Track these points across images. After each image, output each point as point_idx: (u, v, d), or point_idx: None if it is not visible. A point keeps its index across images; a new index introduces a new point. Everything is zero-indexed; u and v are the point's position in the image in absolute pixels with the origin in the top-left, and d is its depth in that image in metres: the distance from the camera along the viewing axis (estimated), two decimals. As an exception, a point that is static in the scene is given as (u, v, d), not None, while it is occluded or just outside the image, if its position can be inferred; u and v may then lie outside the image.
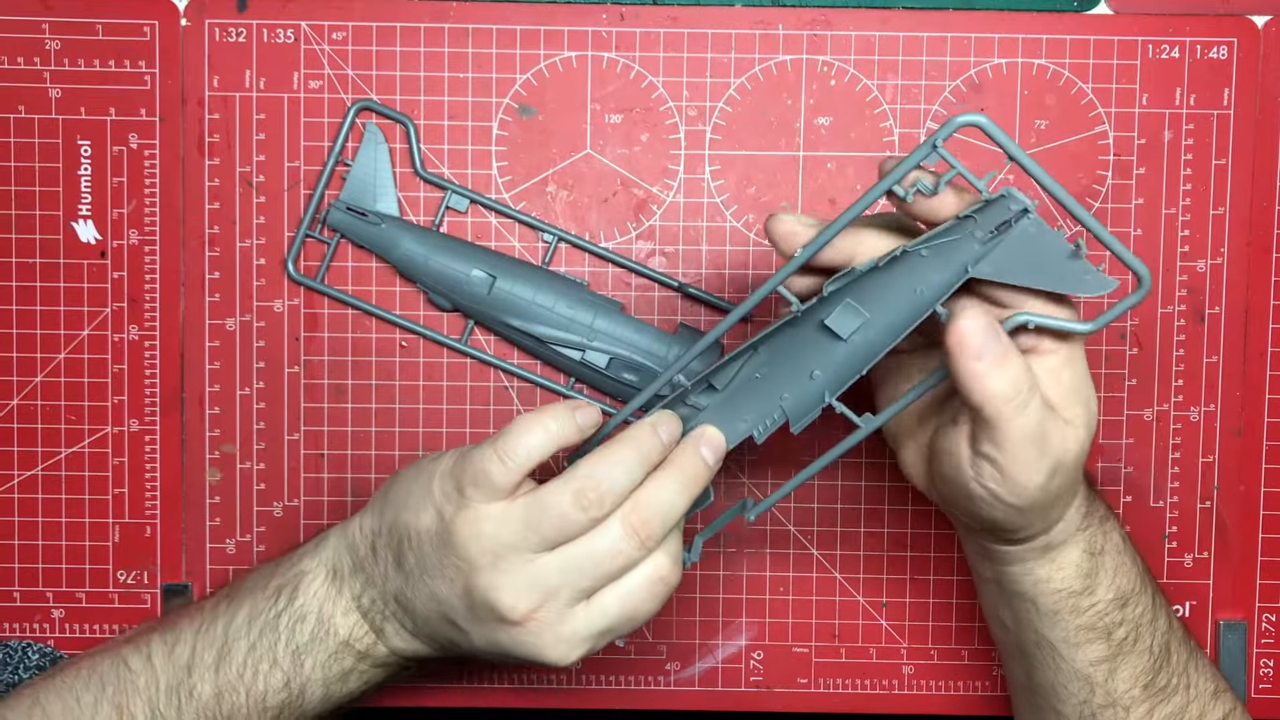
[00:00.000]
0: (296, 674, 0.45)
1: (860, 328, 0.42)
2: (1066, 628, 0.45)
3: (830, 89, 0.54)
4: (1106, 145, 0.54)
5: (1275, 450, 0.55)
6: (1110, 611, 0.45)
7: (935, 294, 0.41)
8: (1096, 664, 0.45)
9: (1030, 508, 0.41)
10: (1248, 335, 0.55)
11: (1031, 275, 0.40)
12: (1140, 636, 0.45)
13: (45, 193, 0.54)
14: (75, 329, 0.55)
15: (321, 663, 0.45)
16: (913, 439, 0.46)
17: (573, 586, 0.42)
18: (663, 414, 0.45)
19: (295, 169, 0.54)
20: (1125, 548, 0.46)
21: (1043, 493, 0.41)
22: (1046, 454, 0.40)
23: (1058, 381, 0.41)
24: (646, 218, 0.55)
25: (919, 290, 0.41)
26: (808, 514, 0.56)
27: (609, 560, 0.42)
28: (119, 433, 0.55)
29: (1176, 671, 0.46)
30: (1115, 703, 0.45)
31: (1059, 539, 0.44)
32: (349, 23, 0.54)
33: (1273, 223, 0.55)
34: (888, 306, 0.42)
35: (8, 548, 0.55)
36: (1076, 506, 0.44)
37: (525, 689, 0.56)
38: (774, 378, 0.44)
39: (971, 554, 0.48)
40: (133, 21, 0.54)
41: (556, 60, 0.54)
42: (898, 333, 0.41)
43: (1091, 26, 0.54)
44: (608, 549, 0.42)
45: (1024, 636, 0.46)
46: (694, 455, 0.44)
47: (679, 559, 0.44)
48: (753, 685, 0.56)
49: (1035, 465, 0.40)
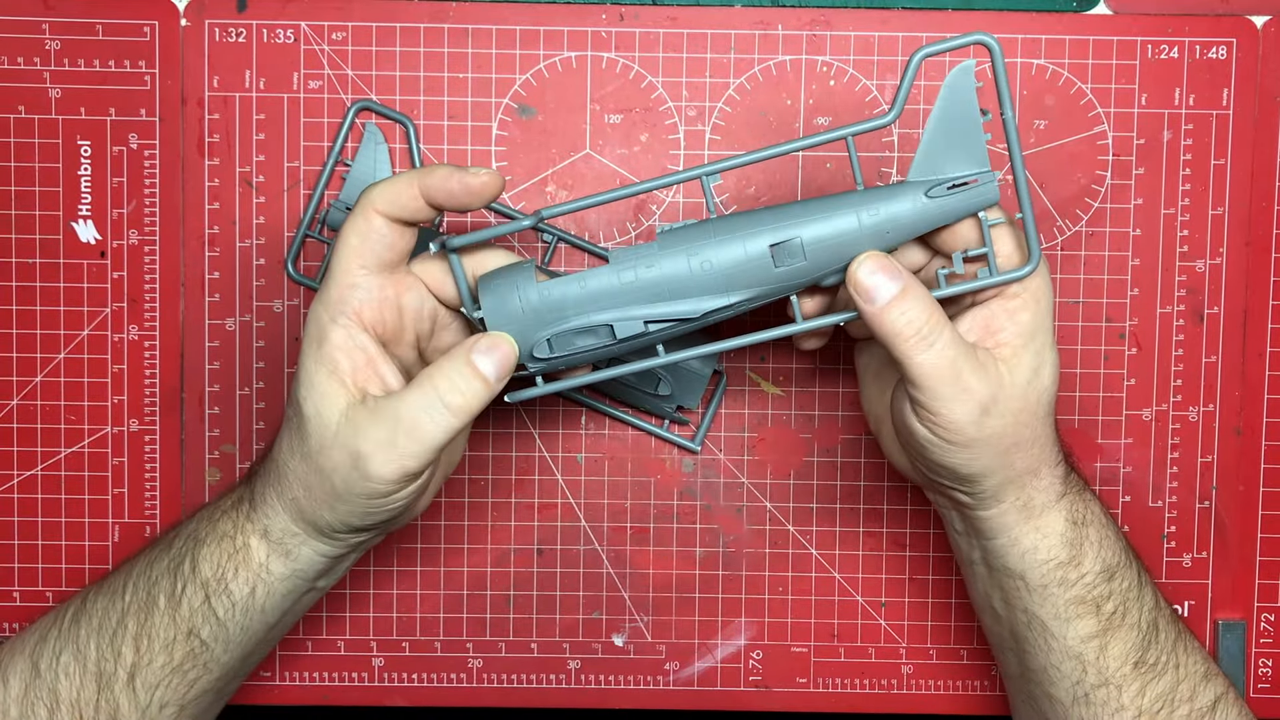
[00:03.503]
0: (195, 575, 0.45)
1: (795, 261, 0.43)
2: (1056, 602, 0.45)
3: (830, 89, 0.54)
4: (1105, 145, 0.54)
5: (1274, 450, 0.55)
6: (1098, 584, 0.45)
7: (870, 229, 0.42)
8: (1087, 640, 0.45)
9: (972, 445, 0.42)
10: (1246, 335, 0.55)
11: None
12: (1128, 610, 0.46)
13: (45, 193, 0.54)
14: (75, 329, 0.55)
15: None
16: (886, 414, 0.48)
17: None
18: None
19: (295, 169, 0.54)
20: (1108, 521, 0.47)
21: (979, 429, 0.42)
22: (969, 390, 0.41)
23: (1014, 321, 0.43)
24: (646, 218, 0.55)
25: (861, 220, 0.42)
26: (807, 514, 0.56)
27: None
28: (119, 433, 0.55)
29: (1165, 649, 0.46)
30: (1107, 681, 0.45)
31: (1038, 501, 0.45)
32: (349, 23, 0.54)
33: (1271, 223, 0.55)
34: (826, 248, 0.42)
35: (7, 548, 0.55)
36: (1052, 468, 0.45)
37: (525, 689, 0.56)
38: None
39: (957, 536, 0.48)
40: (132, 22, 0.54)
41: (556, 60, 0.54)
42: (825, 262, 0.43)
43: (1091, 26, 0.54)
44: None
45: (1015, 620, 0.47)
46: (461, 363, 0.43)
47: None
48: (752, 685, 0.56)
49: (957, 401, 0.42)
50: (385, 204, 0.42)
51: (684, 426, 0.56)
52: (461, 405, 0.41)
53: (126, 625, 0.45)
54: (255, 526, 0.45)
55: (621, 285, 0.43)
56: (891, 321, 0.41)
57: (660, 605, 0.56)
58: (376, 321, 0.43)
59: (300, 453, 0.43)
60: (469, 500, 0.55)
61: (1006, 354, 0.43)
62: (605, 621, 0.56)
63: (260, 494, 0.45)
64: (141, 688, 0.45)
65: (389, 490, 0.42)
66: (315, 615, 0.56)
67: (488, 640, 0.56)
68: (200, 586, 0.45)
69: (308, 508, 0.43)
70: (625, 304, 0.43)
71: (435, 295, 0.45)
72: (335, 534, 0.44)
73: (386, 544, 0.55)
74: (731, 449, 0.56)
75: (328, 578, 0.47)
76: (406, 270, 0.44)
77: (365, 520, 0.43)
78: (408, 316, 0.44)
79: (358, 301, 0.42)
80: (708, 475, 0.56)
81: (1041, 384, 0.43)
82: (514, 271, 0.43)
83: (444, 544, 0.56)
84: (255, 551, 0.45)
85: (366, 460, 0.41)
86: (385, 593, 0.56)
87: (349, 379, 0.42)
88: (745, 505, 0.56)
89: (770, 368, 0.55)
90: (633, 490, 0.56)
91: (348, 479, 0.42)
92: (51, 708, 0.45)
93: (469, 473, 0.55)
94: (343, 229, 0.43)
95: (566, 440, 0.55)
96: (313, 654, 0.56)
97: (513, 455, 0.55)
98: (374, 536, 0.46)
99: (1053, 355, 0.44)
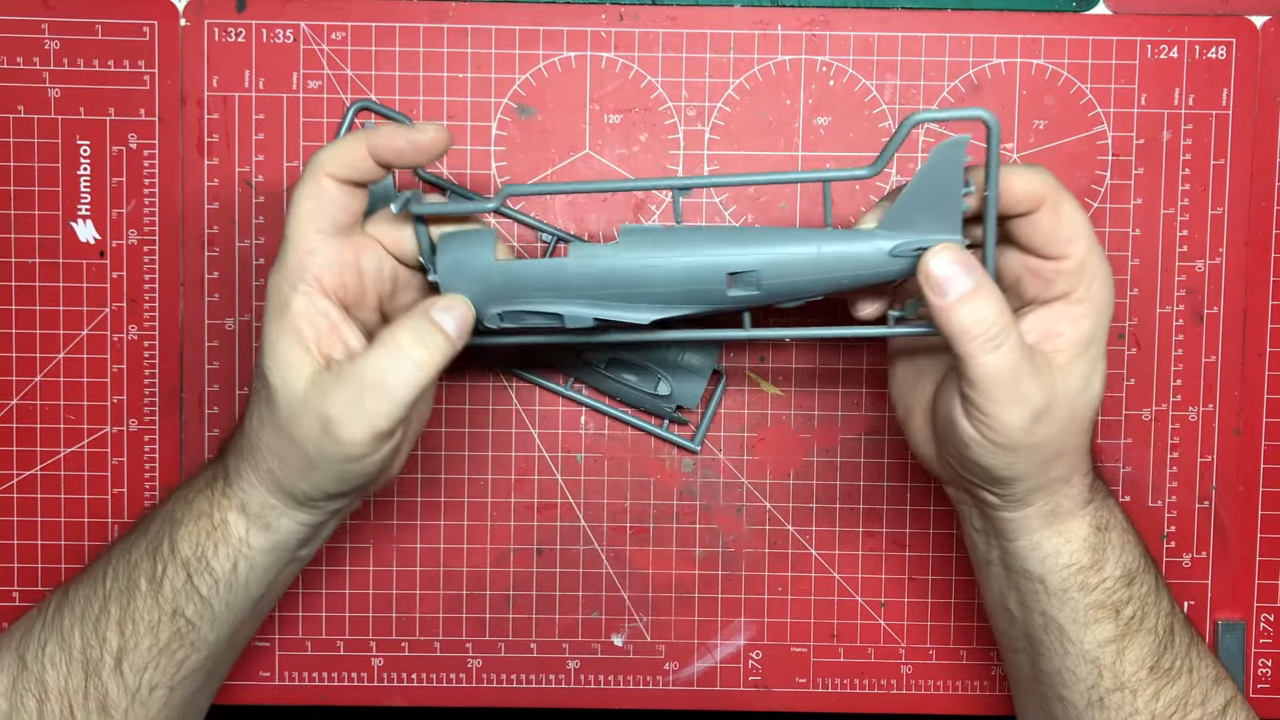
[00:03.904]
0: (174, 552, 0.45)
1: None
2: (1075, 606, 0.45)
3: (829, 89, 0.54)
4: (1105, 145, 0.54)
5: (1274, 450, 0.55)
6: (1118, 589, 0.45)
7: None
8: (1105, 644, 0.45)
9: (1017, 449, 0.42)
10: (1246, 335, 0.55)
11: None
12: (1146, 615, 0.45)
13: (44, 192, 0.54)
14: (75, 329, 0.55)
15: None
16: (918, 403, 0.47)
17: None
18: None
19: (295, 169, 0.54)
20: (1129, 525, 0.46)
21: (1028, 435, 0.41)
22: (1025, 396, 0.41)
23: (1075, 328, 0.42)
24: (645, 218, 0.55)
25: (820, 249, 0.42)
26: (806, 514, 0.56)
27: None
28: (118, 433, 0.55)
29: (1180, 654, 0.46)
30: (1123, 685, 0.45)
31: (1064, 508, 0.44)
32: (348, 23, 0.54)
33: (1271, 223, 0.55)
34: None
35: (7, 547, 0.55)
36: (1083, 475, 0.44)
37: (525, 689, 0.56)
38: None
39: (975, 534, 0.48)
40: (132, 21, 0.54)
41: (555, 60, 0.54)
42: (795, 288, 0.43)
43: (1090, 26, 0.54)
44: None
45: (1030, 622, 0.46)
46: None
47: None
48: (751, 685, 0.56)
49: (1013, 406, 0.41)
50: (335, 166, 0.42)
51: (684, 426, 0.56)
52: (426, 359, 0.42)
53: (109, 611, 0.45)
54: (232, 502, 0.45)
55: (577, 279, 0.43)
56: (961, 318, 0.40)
57: (660, 605, 0.56)
58: (337, 286, 0.43)
59: (271, 424, 0.43)
60: (469, 500, 0.55)
61: (1062, 360, 0.42)
62: (605, 621, 0.56)
63: (235, 469, 0.45)
64: (129, 671, 0.45)
65: (362, 452, 0.42)
66: (315, 615, 0.56)
67: (487, 640, 0.56)
68: (181, 566, 0.45)
69: (284, 479, 0.43)
70: (579, 297, 0.43)
71: (392, 254, 0.45)
72: (313, 502, 0.44)
73: (386, 544, 0.55)
74: (731, 449, 0.56)
75: (309, 547, 0.47)
76: (362, 232, 0.44)
77: (342, 486, 0.43)
78: (368, 279, 0.44)
79: (317, 267, 0.42)
80: (707, 475, 0.56)
81: (1091, 394, 0.43)
82: (474, 240, 0.44)
83: (444, 544, 0.56)
84: (234, 527, 0.45)
85: (336, 424, 0.41)
86: (385, 593, 0.56)
87: (313, 346, 0.42)
88: (745, 505, 0.56)
89: (770, 368, 0.55)
90: (632, 490, 0.56)
91: (320, 445, 0.42)
92: (40, 698, 0.45)
93: (469, 472, 0.55)
94: (294, 195, 0.43)
95: (566, 440, 0.55)
96: (312, 654, 0.56)
97: (512, 455, 0.55)
98: (352, 501, 0.46)
99: (1103, 367, 0.43)
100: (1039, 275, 0.43)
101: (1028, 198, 0.42)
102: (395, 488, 0.55)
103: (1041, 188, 0.42)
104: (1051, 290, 0.43)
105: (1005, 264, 0.44)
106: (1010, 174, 0.42)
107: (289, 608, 0.56)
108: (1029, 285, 0.44)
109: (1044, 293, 0.43)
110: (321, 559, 0.55)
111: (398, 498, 0.55)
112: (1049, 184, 0.42)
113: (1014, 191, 0.42)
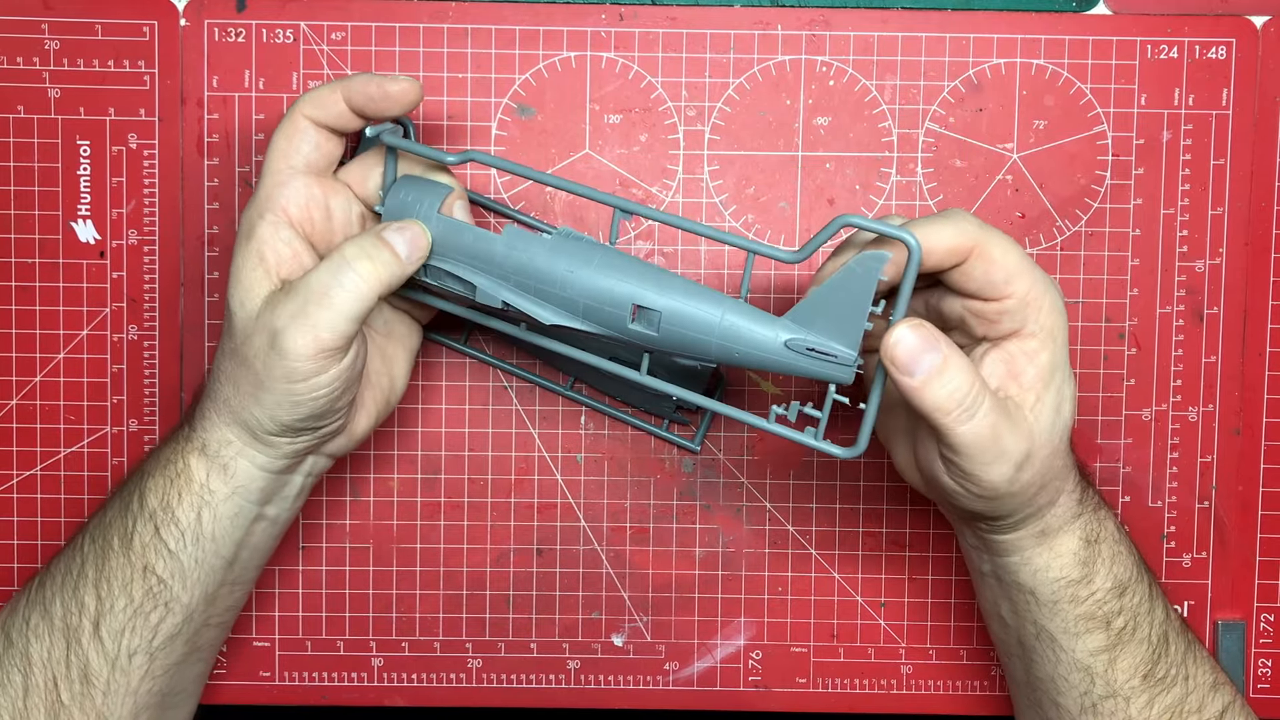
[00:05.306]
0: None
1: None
2: (1066, 618, 0.45)
3: (829, 89, 0.54)
4: (1105, 145, 0.54)
5: (1274, 450, 0.55)
6: (1109, 600, 0.45)
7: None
8: (1096, 654, 0.45)
9: (1004, 498, 0.42)
10: (1246, 335, 0.55)
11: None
12: (1139, 626, 0.45)
13: (44, 192, 0.54)
14: (75, 329, 0.55)
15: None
16: (902, 439, 0.47)
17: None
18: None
19: (294, 169, 0.54)
20: (1121, 536, 0.46)
21: (1012, 484, 0.42)
22: (1005, 452, 0.41)
23: (1034, 364, 0.42)
24: (634, 225, 0.55)
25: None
26: (806, 514, 0.56)
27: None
28: (118, 433, 0.55)
29: (1175, 662, 0.46)
30: (1115, 693, 0.45)
31: (1054, 525, 0.44)
32: (348, 23, 0.54)
33: (1271, 223, 0.55)
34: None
35: (7, 547, 0.55)
36: (1069, 492, 0.45)
37: (525, 689, 0.56)
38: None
39: (969, 548, 0.48)
40: (132, 22, 0.54)
41: (555, 60, 0.54)
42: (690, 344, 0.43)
43: (1090, 27, 0.54)
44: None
45: (1023, 630, 0.46)
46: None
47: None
48: (751, 685, 0.56)
49: (995, 464, 0.41)
50: (311, 108, 0.45)
51: (684, 426, 0.56)
52: (370, 271, 0.42)
53: (86, 573, 0.46)
54: (193, 445, 0.45)
55: (501, 258, 0.45)
56: (934, 395, 0.40)
57: (660, 605, 0.56)
58: (304, 219, 0.45)
59: (228, 350, 0.44)
60: (469, 500, 0.55)
61: (1030, 399, 0.42)
62: (605, 621, 0.56)
63: (198, 412, 0.46)
64: (108, 635, 0.45)
65: (307, 369, 0.42)
66: (315, 615, 0.56)
67: (487, 640, 0.56)
68: (149, 519, 0.45)
69: (236, 405, 0.44)
70: (500, 276, 0.45)
71: (359, 197, 0.47)
72: (267, 435, 0.44)
73: (386, 544, 0.55)
74: (731, 449, 0.56)
75: (275, 505, 0.47)
76: (334, 177, 0.46)
77: (292, 414, 0.43)
78: (336, 220, 0.46)
79: (284, 199, 0.44)
80: (707, 475, 0.56)
81: (1063, 420, 0.43)
82: (427, 188, 0.46)
83: (444, 544, 0.56)
84: (195, 471, 0.45)
85: (281, 335, 0.42)
86: (385, 593, 0.56)
87: (274, 270, 0.44)
88: (745, 505, 0.56)
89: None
90: (632, 490, 0.56)
91: (267, 361, 0.42)
92: (25, 672, 0.46)
93: (469, 472, 0.55)
94: (272, 135, 0.45)
95: (566, 440, 0.55)
96: (312, 654, 0.56)
97: (512, 455, 0.55)
98: (310, 442, 0.46)
99: (1071, 387, 0.43)
100: (983, 317, 0.42)
101: (952, 253, 0.41)
102: (395, 488, 0.55)
103: (963, 239, 0.41)
104: (1000, 329, 0.42)
105: (947, 308, 0.44)
106: (929, 231, 0.40)
107: (289, 608, 0.56)
108: (975, 326, 0.43)
109: (992, 331, 0.43)
110: (321, 559, 0.55)
111: (398, 498, 0.55)
112: (970, 232, 0.41)
113: (936, 252, 0.41)
